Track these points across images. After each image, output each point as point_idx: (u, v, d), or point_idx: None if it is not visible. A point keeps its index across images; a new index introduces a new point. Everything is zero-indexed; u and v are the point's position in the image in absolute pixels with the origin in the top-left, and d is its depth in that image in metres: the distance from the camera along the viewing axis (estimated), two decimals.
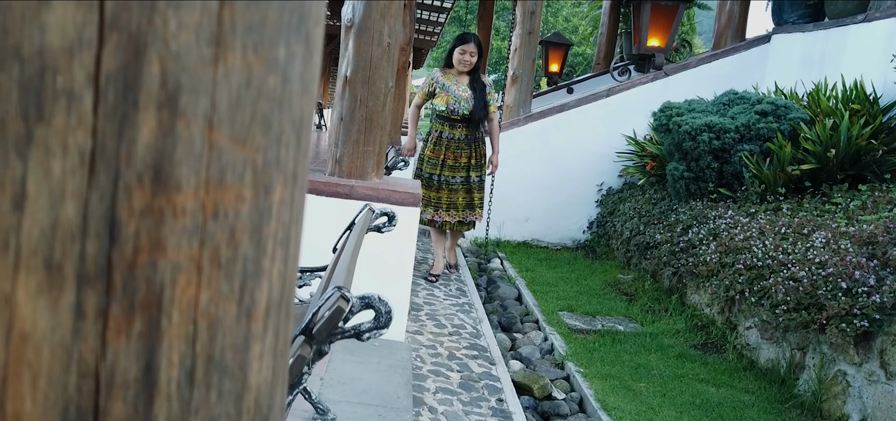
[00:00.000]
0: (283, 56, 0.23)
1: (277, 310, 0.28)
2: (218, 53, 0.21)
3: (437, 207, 4.08)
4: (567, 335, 3.76)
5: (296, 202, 0.28)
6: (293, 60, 0.24)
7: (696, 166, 4.39)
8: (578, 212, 6.06)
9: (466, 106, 3.96)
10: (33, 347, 0.21)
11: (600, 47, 10.13)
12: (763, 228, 3.55)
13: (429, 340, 3.37)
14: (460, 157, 4.06)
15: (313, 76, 0.27)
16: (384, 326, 1.23)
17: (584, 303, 4.34)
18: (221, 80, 0.21)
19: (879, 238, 2.85)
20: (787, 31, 5.74)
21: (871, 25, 4.72)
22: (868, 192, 3.68)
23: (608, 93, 6.01)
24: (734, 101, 4.52)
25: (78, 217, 0.21)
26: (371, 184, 3.15)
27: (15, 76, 0.18)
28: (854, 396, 2.64)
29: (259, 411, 0.28)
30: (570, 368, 3.29)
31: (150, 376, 0.23)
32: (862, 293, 2.60)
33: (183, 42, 0.20)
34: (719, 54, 6.04)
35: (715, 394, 3.04)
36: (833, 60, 5.00)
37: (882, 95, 4.29)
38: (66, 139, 0.19)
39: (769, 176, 4.00)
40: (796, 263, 3.04)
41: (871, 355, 2.59)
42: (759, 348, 3.34)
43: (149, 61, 0.20)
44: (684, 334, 3.81)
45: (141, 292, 0.22)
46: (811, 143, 3.97)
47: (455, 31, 26.35)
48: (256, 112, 0.23)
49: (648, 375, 3.24)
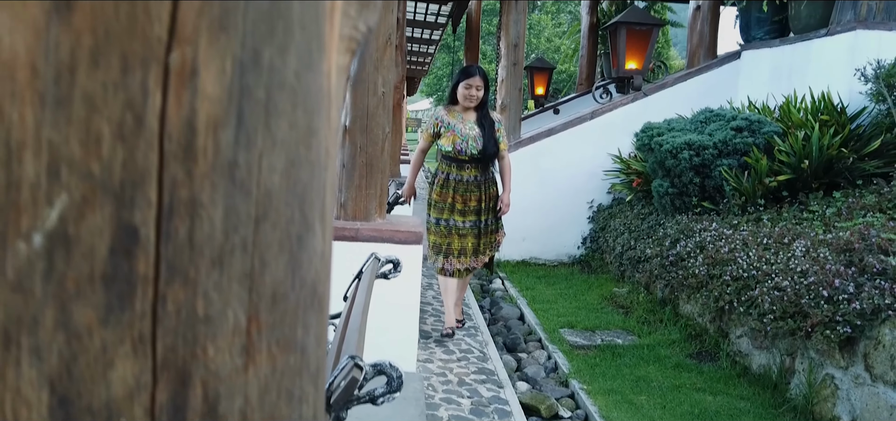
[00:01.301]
0: (300, 335, 0.25)
1: None
2: (248, 360, 0.23)
3: (446, 254, 3.58)
4: (569, 352, 3.75)
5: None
6: (309, 333, 0.26)
7: (679, 182, 4.42)
8: (572, 229, 6.08)
9: (475, 145, 3.41)
10: None
11: (582, 69, 10.21)
12: (746, 239, 3.56)
13: (439, 368, 3.36)
14: (469, 200, 3.52)
15: (324, 335, 0.29)
16: (396, 390, 1.24)
17: (582, 318, 4.34)
18: (252, 379, 0.23)
19: (855, 245, 2.86)
20: (756, 46, 5.79)
21: (833, 39, 4.77)
22: (842, 198, 3.70)
23: (592, 115, 6.05)
24: (711, 119, 4.56)
25: None
26: (375, 225, 3.17)
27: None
28: (843, 398, 2.64)
29: None
30: (574, 385, 3.29)
31: None
32: (843, 300, 2.61)
33: (220, 362, 0.22)
34: (694, 72, 6.09)
35: (712, 402, 3.04)
36: (800, 73, 5.05)
37: (849, 105, 4.32)
38: None
39: (748, 188, 4.03)
40: (779, 272, 3.05)
41: (856, 359, 2.59)
42: (751, 355, 3.33)
43: (193, 386, 0.22)
44: (679, 344, 3.81)
45: None
46: (785, 154, 4.00)
47: (444, 58, 26.49)
48: (281, 389, 0.25)
49: (648, 387, 3.24)
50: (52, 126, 0.19)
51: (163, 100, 0.20)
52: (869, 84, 4.09)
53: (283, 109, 0.22)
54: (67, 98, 0.19)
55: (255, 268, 0.22)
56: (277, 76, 0.22)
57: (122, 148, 0.19)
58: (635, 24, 6.22)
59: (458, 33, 12.30)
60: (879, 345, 2.48)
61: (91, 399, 0.20)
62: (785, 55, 5.36)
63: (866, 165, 3.91)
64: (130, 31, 0.19)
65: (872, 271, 2.68)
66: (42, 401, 0.19)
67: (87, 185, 0.19)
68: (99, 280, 0.19)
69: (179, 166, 0.20)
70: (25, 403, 0.19)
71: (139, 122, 0.19)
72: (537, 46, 22.82)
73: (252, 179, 0.22)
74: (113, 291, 0.20)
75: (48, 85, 0.18)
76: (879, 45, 4.43)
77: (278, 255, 0.23)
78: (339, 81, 0.27)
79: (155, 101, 0.20)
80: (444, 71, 26.88)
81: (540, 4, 26.26)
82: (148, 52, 0.19)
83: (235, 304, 0.22)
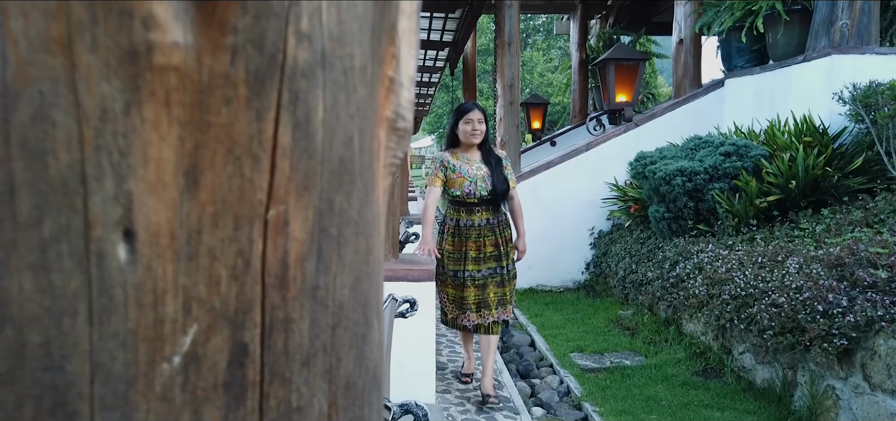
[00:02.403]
0: (366, 412, 0.30)
1: None
2: None
3: (463, 308, 3.13)
4: (580, 376, 3.73)
5: None
6: (372, 410, 0.30)
7: (674, 207, 4.45)
8: (575, 255, 6.09)
9: (484, 186, 3.05)
10: None
11: (574, 102, 10.35)
12: (742, 259, 3.57)
13: (456, 399, 3.36)
14: (484, 246, 3.11)
15: (382, 409, 0.33)
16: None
17: (591, 342, 4.33)
18: None
19: (846, 260, 2.87)
20: (738, 74, 5.88)
21: (810, 64, 4.84)
22: (830, 215, 3.71)
23: (587, 147, 6.12)
24: (700, 146, 4.61)
25: None
26: (389, 266, 3.21)
27: None
28: (845, 408, 2.61)
29: None
30: (587, 408, 3.27)
31: None
32: (837, 314, 2.61)
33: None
34: (681, 102, 6.17)
35: (720, 418, 3.01)
36: (781, 98, 5.11)
37: (829, 126, 4.37)
38: None
39: (741, 210, 4.05)
40: (775, 289, 3.06)
41: (854, 370, 2.58)
42: (755, 370, 3.31)
43: None
44: (685, 362, 3.79)
45: None
46: (773, 176, 4.03)
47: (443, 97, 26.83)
48: None
49: (658, 406, 3.21)
50: (185, 275, 0.24)
51: (263, 246, 0.25)
52: (847, 106, 4.14)
53: (349, 239, 0.27)
54: (196, 253, 0.24)
55: (332, 365, 0.27)
56: (345, 216, 0.27)
57: (235, 285, 0.24)
58: (622, 59, 6.33)
59: (455, 74, 12.55)
60: (875, 355, 2.47)
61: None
62: (766, 81, 5.44)
63: (851, 182, 3.94)
64: (241, 199, 0.24)
65: (863, 285, 2.69)
66: None
67: (211, 316, 0.24)
68: (221, 387, 0.24)
69: (276, 293, 0.25)
70: None
71: (247, 264, 0.25)
72: (531, 82, 23.11)
73: (329, 296, 0.27)
74: (231, 394, 0.24)
75: (182, 245, 0.24)
76: (854, 69, 4.50)
77: (349, 351, 0.28)
78: (384, 201, 0.32)
79: (258, 248, 0.25)
80: (444, 109, 27.21)
81: (531, 42, 26.73)
82: (253, 213, 0.24)
83: (320, 395, 0.26)
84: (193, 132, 0.23)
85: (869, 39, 4.72)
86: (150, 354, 0.23)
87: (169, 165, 0.23)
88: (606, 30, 9.65)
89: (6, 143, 0.21)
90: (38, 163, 0.21)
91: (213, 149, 0.23)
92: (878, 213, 3.48)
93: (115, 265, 0.22)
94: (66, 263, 0.22)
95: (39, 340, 0.22)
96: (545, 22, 24.73)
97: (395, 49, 0.30)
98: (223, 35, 0.23)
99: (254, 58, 0.24)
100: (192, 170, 0.23)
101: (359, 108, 0.28)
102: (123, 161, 0.22)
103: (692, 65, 6.44)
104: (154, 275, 0.23)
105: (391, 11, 0.29)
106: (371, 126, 0.29)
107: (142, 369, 0.23)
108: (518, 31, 5.99)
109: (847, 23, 4.70)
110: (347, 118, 0.27)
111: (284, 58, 0.24)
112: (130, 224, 0.22)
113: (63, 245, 0.22)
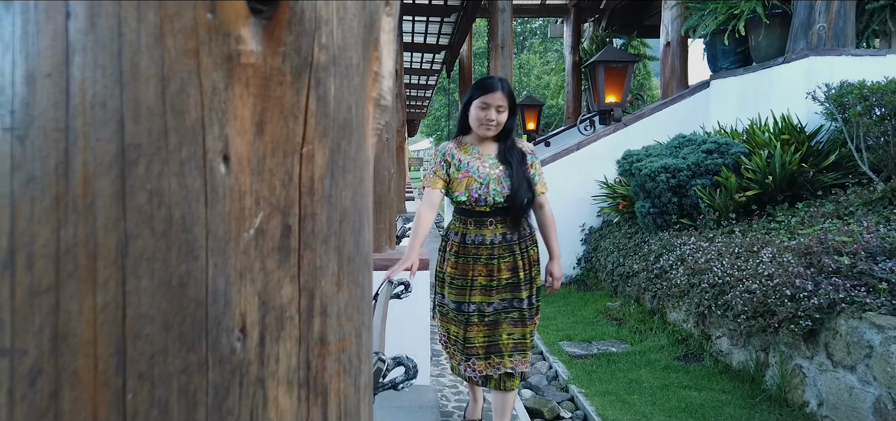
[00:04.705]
0: (361, 280, 0.47)
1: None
2: (339, 288, 0.45)
3: (468, 353, 2.30)
4: (568, 362, 3.90)
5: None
6: (365, 280, 0.48)
7: (658, 202, 4.62)
8: (567, 251, 6.26)
9: (499, 190, 2.23)
10: None
11: (568, 103, 10.53)
12: (720, 250, 3.75)
13: (450, 381, 3.53)
14: (499, 271, 2.27)
15: (371, 283, 0.50)
16: (413, 377, 1.44)
17: (580, 331, 4.50)
18: (342, 297, 0.45)
19: (814, 249, 3.05)
20: (723, 76, 6.06)
21: (789, 66, 5.03)
22: (805, 208, 3.89)
23: (578, 146, 6.30)
24: (684, 144, 4.79)
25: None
26: (386, 255, 3.39)
27: None
28: (810, 384, 2.79)
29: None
30: (573, 390, 3.44)
31: None
32: (803, 298, 2.78)
33: (326, 288, 0.44)
34: (668, 102, 6.35)
35: (697, 397, 3.18)
36: (764, 98, 5.30)
37: (807, 124, 4.55)
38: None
39: (721, 204, 4.23)
40: (749, 277, 3.23)
41: (818, 349, 2.75)
42: (731, 353, 3.49)
43: (316, 295, 0.44)
44: (668, 349, 3.96)
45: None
46: (752, 172, 4.21)
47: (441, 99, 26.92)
48: (354, 301, 0.47)
49: (640, 388, 3.39)
50: (256, 183, 0.41)
51: (300, 168, 0.42)
52: (821, 105, 4.32)
53: (350, 169, 0.45)
54: (262, 170, 0.41)
55: (340, 244, 0.44)
56: (347, 154, 0.44)
57: (283, 190, 0.42)
58: (612, 61, 6.51)
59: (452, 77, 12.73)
60: (837, 335, 2.64)
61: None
62: (749, 82, 5.63)
63: (825, 178, 4.12)
64: (287, 140, 0.41)
65: (829, 271, 2.86)
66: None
67: (270, 207, 0.41)
68: (275, 250, 0.41)
69: (307, 197, 0.43)
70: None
71: (290, 178, 0.42)
72: (528, 84, 23.27)
73: (338, 202, 0.44)
74: (281, 254, 0.42)
75: (254, 165, 0.41)
76: (831, 69, 4.69)
77: (350, 238, 0.45)
78: (372, 148, 0.50)
79: (296, 169, 0.42)
80: (442, 112, 27.33)
81: (527, 45, 26.89)
82: (294, 149, 0.42)
83: (332, 262, 0.44)
84: (261, 101, 0.41)
85: (845, 41, 4.91)
86: (237, 227, 0.40)
87: (247, 120, 0.40)
88: (599, 33, 9.84)
89: (162, 106, 0.38)
90: (180, 117, 0.38)
91: (272, 111, 0.41)
92: (849, 205, 3.66)
93: (219, 175, 0.40)
94: (194, 172, 0.39)
95: (179, 214, 0.39)
96: (542, 25, 24.91)
97: (378, 53, 0.48)
98: (278, 46, 0.40)
99: (295, 59, 0.41)
100: (260, 123, 0.41)
101: (355, 89, 0.45)
102: (224, 116, 0.40)
103: (679, 67, 6.63)
104: (239, 182, 0.40)
105: (375, 30, 0.47)
106: (363, 101, 0.46)
107: (232, 235, 0.40)
108: (511, 35, 6.16)
109: (824, 26, 4.89)
110: (349, 95, 0.44)
111: (312, 59, 0.42)
112: (227, 152, 0.40)
113: (192, 162, 0.39)
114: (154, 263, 0.39)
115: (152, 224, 0.39)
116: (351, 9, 0.44)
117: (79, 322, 0.39)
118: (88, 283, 0.38)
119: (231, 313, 0.40)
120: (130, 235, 0.38)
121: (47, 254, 0.39)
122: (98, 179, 0.38)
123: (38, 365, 0.39)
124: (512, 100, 2.28)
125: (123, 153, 0.38)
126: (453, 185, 2.29)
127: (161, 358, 0.39)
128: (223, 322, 0.40)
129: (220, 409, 0.40)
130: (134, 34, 0.38)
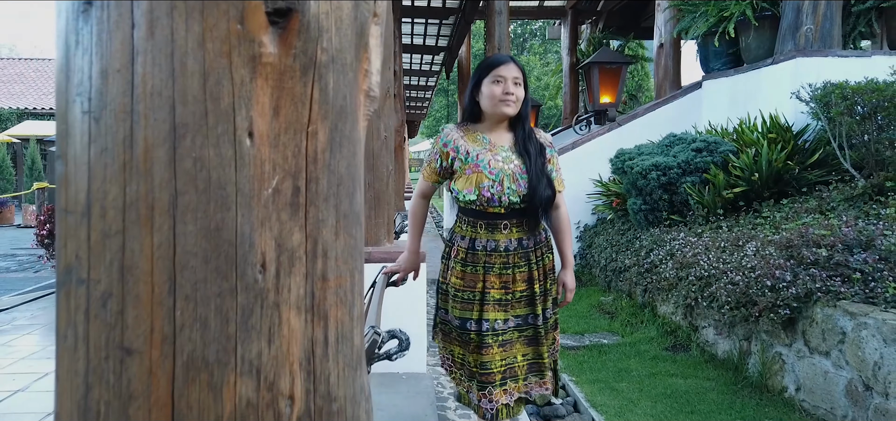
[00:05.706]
0: (355, 233, 0.60)
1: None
2: (337, 237, 0.58)
3: (484, 382, 1.93)
4: (561, 353, 4.02)
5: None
6: (359, 235, 0.61)
7: (650, 199, 4.75)
8: None
9: (515, 188, 1.90)
10: None
11: (566, 104, 10.66)
12: (708, 244, 3.87)
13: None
14: (513, 282, 1.96)
15: (362, 243, 0.63)
16: (406, 348, 1.56)
17: (573, 324, 4.62)
18: (340, 246, 0.58)
19: (795, 242, 3.17)
20: (715, 76, 6.19)
21: (778, 66, 5.15)
22: (790, 205, 4.02)
23: (573, 146, 6.42)
24: (674, 143, 4.91)
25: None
26: (385, 249, 3.51)
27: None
28: (789, 371, 2.91)
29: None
30: (564, 378, 3.56)
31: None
32: (782, 288, 2.90)
33: (328, 238, 0.57)
34: (661, 102, 6.48)
35: (682, 384, 3.31)
36: (754, 98, 5.42)
37: (794, 124, 4.67)
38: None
39: (710, 201, 4.35)
40: (733, 269, 3.36)
41: (796, 336, 2.88)
42: (717, 343, 3.61)
43: (319, 257, 0.56)
44: (657, 340, 4.08)
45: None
46: (739, 170, 4.33)
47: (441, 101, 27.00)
48: (349, 250, 0.59)
49: (628, 376, 3.51)
50: (273, 153, 0.53)
51: (306, 143, 0.55)
52: (806, 105, 4.45)
53: (345, 145, 0.57)
54: (277, 143, 0.53)
55: (338, 203, 0.57)
56: (343, 133, 0.57)
57: (294, 159, 0.54)
58: (606, 62, 6.64)
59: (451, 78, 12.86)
60: (813, 323, 2.77)
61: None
62: (740, 83, 5.75)
63: (810, 175, 4.24)
64: (296, 121, 0.54)
65: (807, 262, 2.99)
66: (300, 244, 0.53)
67: (283, 172, 0.54)
68: (288, 205, 0.54)
69: (312, 165, 0.55)
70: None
71: (299, 150, 0.54)
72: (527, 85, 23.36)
73: (336, 170, 0.57)
74: (293, 208, 0.54)
75: (272, 139, 0.53)
76: (818, 70, 4.81)
77: (346, 198, 0.58)
78: (363, 131, 0.62)
79: (303, 144, 0.54)
80: (442, 113, 27.45)
81: (527, 46, 27.02)
82: (301, 128, 0.54)
83: (332, 218, 0.56)
84: (276, 91, 0.53)
85: (832, 43, 5.03)
86: (259, 186, 0.53)
87: (267, 105, 0.53)
88: (596, 34, 9.97)
89: (203, 94, 0.51)
90: (217, 102, 0.51)
91: (285, 98, 0.53)
92: (831, 201, 3.78)
93: (245, 147, 0.52)
94: (227, 144, 0.51)
95: (216, 176, 0.51)
96: (542, 27, 25.05)
97: (368, 54, 0.60)
98: (290, 49, 0.53)
99: (303, 59, 0.53)
100: (276, 107, 0.53)
101: (349, 83, 0.57)
102: (249, 102, 0.52)
103: (672, 68, 6.75)
104: (260, 152, 0.53)
105: (365, 36, 0.59)
106: (356, 92, 0.59)
107: (255, 191, 0.52)
108: (508, 38, 6.28)
109: (811, 28, 5.01)
110: (344, 87, 0.57)
111: (316, 59, 0.54)
112: (251, 129, 0.52)
113: (226, 137, 0.51)
114: (197, 213, 0.51)
115: (196, 183, 0.51)
116: (346, 19, 0.57)
117: (140, 258, 0.51)
118: (147, 228, 0.51)
119: (254, 252, 0.53)
120: (179, 192, 0.51)
121: (116, 206, 0.51)
122: (155, 150, 0.51)
123: (108, 290, 0.52)
124: (524, 76, 1.97)
125: (174, 130, 0.51)
126: (458, 182, 1.93)
127: (202, 284, 0.51)
128: (248, 259, 0.52)
129: (246, 324, 0.52)
130: (183, 40, 0.51)
